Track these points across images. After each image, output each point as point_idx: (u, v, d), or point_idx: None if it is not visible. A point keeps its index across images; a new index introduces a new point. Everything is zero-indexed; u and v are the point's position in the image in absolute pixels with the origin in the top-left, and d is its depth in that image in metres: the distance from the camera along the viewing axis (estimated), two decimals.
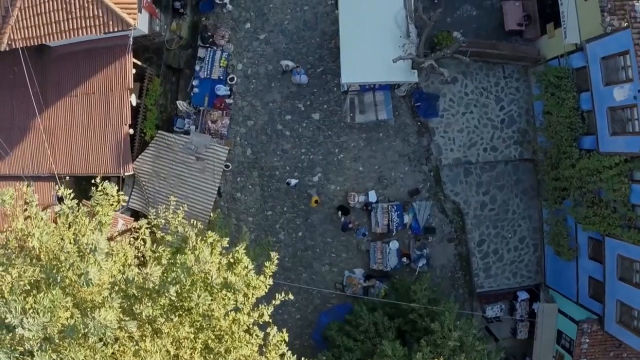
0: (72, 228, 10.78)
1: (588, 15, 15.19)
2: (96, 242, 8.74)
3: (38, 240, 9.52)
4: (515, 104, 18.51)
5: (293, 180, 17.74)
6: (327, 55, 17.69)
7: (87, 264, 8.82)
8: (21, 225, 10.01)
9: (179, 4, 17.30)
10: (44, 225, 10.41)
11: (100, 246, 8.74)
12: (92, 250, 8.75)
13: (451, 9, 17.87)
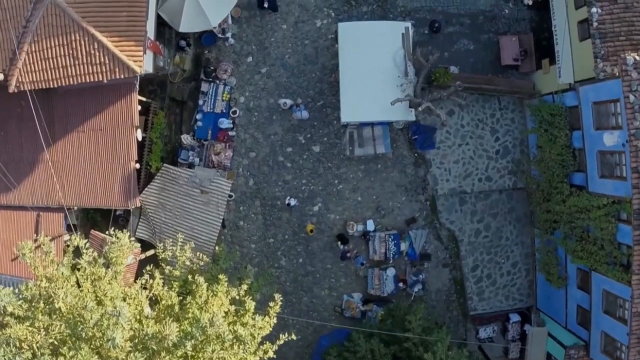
0: (93, 283, 11.42)
1: (582, 57, 15.66)
2: (120, 309, 9.38)
3: (63, 301, 10.15)
4: (510, 135, 19.07)
5: (293, 200, 18.38)
6: (327, 89, 18.17)
7: (113, 329, 9.46)
8: (44, 284, 10.62)
9: (184, 43, 17.71)
10: (67, 281, 11.00)
11: (124, 312, 9.38)
12: (117, 316, 9.39)
13: (449, 44, 18.31)
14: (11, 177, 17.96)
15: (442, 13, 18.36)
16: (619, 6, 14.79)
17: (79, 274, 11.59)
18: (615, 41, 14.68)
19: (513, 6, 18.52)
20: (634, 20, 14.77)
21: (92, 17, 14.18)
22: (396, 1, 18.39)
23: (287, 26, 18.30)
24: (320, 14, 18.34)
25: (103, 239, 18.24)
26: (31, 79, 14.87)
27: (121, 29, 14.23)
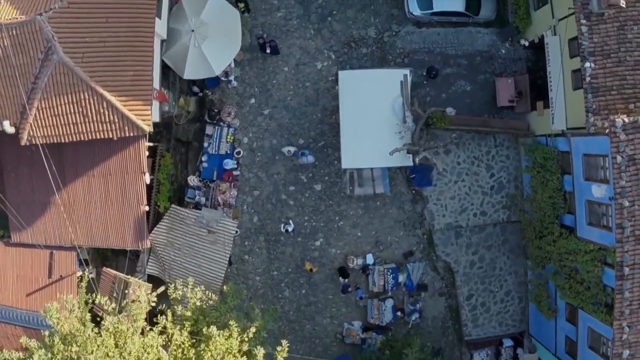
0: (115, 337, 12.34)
1: (575, 105, 16.17)
2: None
3: None
4: (505, 171, 19.70)
5: (289, 226, 19.11)
6: (328, 130, 18.74)
7: None
8: (76, 349, 11.48)
9: (197, 89, 18.23)
10: (94, 343, 11.88)
11: None
12: None
13: (446, 85, 18.79)
14: (24, 217, 18.73)
15: (440, 54, 18.82)
16: (612, 60, 15.24)
17: (103, 332, 12.46)
18: (607, 95, 15.19)
19: (510, 46, 18.94)
20: (625, 74, 15.24)
21: (100, 76, 14.68)
22: (395, 43, 18.84)
23: (288, 68, 18.80)
24: (320, 56, 18.81)
25: (115, 276, 19.15)
26: (42, 133, 15.47)
27: (129, 88, 14.75)
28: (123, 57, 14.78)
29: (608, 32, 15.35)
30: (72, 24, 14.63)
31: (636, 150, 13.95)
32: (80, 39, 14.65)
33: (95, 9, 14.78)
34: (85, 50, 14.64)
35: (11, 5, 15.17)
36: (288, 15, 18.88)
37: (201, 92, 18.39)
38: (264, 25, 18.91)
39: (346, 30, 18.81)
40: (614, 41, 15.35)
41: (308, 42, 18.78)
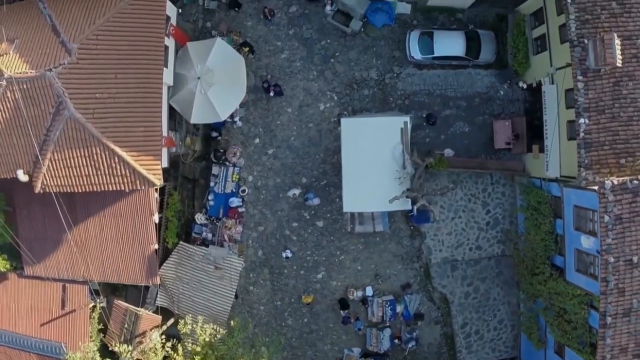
0: None
1: (569, 155, 16.73)
2: None
3: None
4: (501, 207, 20.37)
5: (289, 252, 19.84)
6: (330, 170, 19.32)
7: None
8: None
9: (216, 134, 18.83)
10: None
11: None
12: None
13: (445, 127, 19.29)
14: (36, 252, 19.49)
15: (440, 96, 19.26)
16: (606, 116, 15.73)
17: None
18: (599, 150, 15.73)
19: (508, 88, 19.36)
20: (618, 129, 15.76)
21: (111, 132, 15.20)
22: (396, 85, 19.26)
23: (292, 110, 19.27)
24: (323, 98, 19.26)
25: (126, 308, 20.06)
26: (56, 183, 16.08)
27: (139, 144, 15.29)
28: (133, 114, 15.29)
29: (604, 88, 15.82)
30: (82, 80, 15.08)
31: (623, 210, 14.62)
32: (90, 95, 15.12)
33: (104, 65, 15.21)
34: (96, 106, 15.15)
35: (20, 58, 15.55)
36: (292, 57, 19.29)
37: (220, 136, 19.00)
38: (268, 66, 19.33)
39: (348, 71, 19.24)
40: (609, 97, 15.84)
41: (311, 84, 19.22)
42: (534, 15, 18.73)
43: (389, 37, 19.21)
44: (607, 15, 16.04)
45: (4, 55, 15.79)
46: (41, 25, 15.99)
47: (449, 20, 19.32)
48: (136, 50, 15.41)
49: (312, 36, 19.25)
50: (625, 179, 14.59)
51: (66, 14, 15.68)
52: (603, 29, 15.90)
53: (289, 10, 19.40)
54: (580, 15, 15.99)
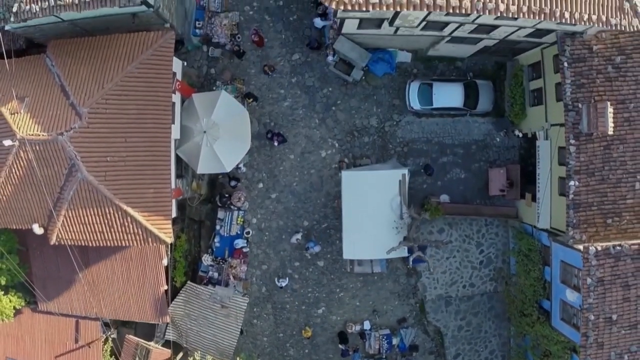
0: None
1: (559, 209, 17.49)
2: None
3: None
4: (494, 247, 21.24)
5: (283, 281, 20.77)
6: (330, 213, 20.10)
7: None
8: None
9: (234, 182, 19.58)
10: None
11: None
12: None
13: (442, 173, 19.97)
14: (49, 289, 20.41)
15: (438, 144, 19.88)
16: (596, 178, 16.42)
17: None
18: (587, 211, 16.50)
19: (504, 136, 19.94)
20: (607, 191, 16.49)
21: (122, 194, 15.87)
22: (395, 132, 19.83)
23: (294, 156, 19.90)
24: (325, 145, 19.86)
25: (137, 343, 21.14)
26: (70, 237, 16.86)
27: (150, 204, 15.99)
28: (143, 176, 15.96)
29: (595, 152, 16.48)
30: (93, 144, 15.68)
31: (605, 273, 15.50)
32: (102, 158, 15.75)
33: (114, 129, 15.77)
34: (108, 169, 15.79)
35: (32, 118, 16.07)
36: (294, 105, 19.82)
37: (239, 182, 19.76)
38: (271, 113, 19.87)
39: (349, 119, 19.80)
40: (600, 160, 16.51)
41: (313, 131, 19.80)
42: (532, 67, 19.16)
43: (389, 85, 19.71)
44: (602, 79, 16.59)
45: (15, 114, 16.34)
46: (50, 84, 16.48)
47: (448, 69, 19.76)
48: (144, 113, 15.96)
49: (314, 84, 19.74)
50: (608, 245, 15.42)
51: (74, 75, 16.15)
52: (598, 93, 16.46)
53: (292, 58, 19.84)
54: (576, 79, 16.52)
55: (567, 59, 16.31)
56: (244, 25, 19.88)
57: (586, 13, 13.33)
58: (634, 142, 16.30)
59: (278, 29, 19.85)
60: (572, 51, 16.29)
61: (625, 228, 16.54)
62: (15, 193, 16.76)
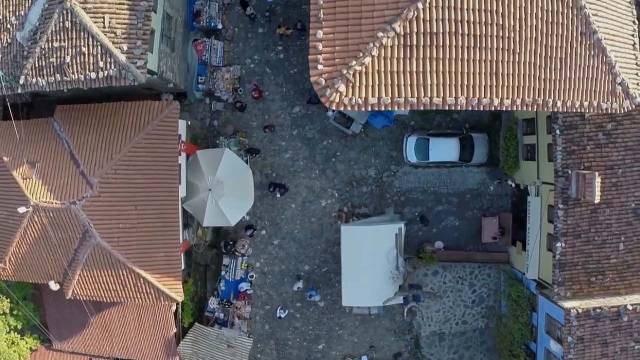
0: None
1: (547, 263, 18.40)
2: None
3: None
4: (486, 287, 22.26)
5: (282, 312, 21.91)
6: (330, 258, 21.02)
7: None
8: None
9: (251, 231, 20.37)
10: None
11: None
12: None
13: (437, 221, 20.81)
14: (63, 330, 21.45)
15: (434, 193, 20.63)
16: (582, 240, 17.28)
17: None
18: (572, 270, 17.43)
19: (498, 185, 20.66)
20: (592, 252, 17.37)
21: (135, 258, 16.73)
22: (393, 183, 20.55)
23: (295, 205, 20.68)
24: (325, 195, 20.60)
25: None
26: (85, 293, 17.81)
27: (161, 267, 16.90)
28: (154, 241, 16.82)
29: (582, 215, 17.28)
30: (105, 212, 16.43)
31: (585, 333, 16.54)
32: (114, 225, 16.53)
33: (124, 197, 16.51)
34: (120, 235, 16.59)
35: (44, 185, 16.77)
36: (295, 157, 20.46)
37: (255, 231, 20.65)
38: (273, 165, 20.53)
39: (349, 170, 20.48)
40: (587, 223, 17.33)
41: (314, 182, 20.51)
42: (527, 122, 19.75)
43: (387, 137, 20.33)
44: (593, 146, 17.25)
45: (27, 179, 17.03)
46: (60, 150, 17.10)
47: (445, 121, 20.34)
48: (153, 182, 16.69)
49: (315, 137, 20.35)
50: (589, 308, 16.39)
51: (83, 144, 16.77)
52: (588, 160, 17.16)
53: (293, 111, 20.39)
54: (567, 147, 17.19)
55: (560, 126, 16.94)
56: (246, 79, 20.39)
57: (578, 101, 13.88)
58: (620, 206, 17.13)
59: (279, 82, 20.38)
60: (564, 119, 16.89)
61: (608, 286, 17.55)
62: (31, 252, 17.62)
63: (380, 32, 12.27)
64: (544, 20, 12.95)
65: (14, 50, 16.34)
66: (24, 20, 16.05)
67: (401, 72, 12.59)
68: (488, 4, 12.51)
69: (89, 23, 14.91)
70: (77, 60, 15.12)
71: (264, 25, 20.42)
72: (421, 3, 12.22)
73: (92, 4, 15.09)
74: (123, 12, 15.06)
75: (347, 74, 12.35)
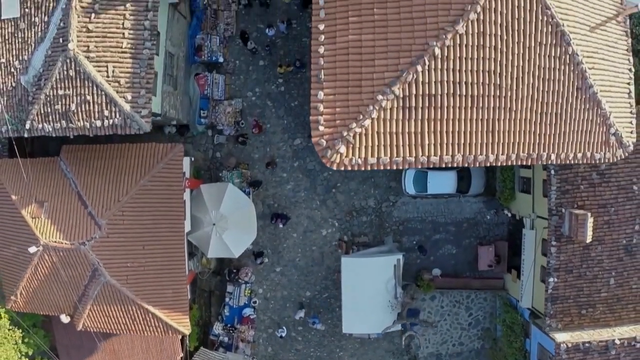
0: None
1: (540, 293, 19.00)
2: None
3: None
4: (482, 310, 22.95)
5: (282, 332, 22.59)
6: (331, 285, 21.65)
7: None
8: None
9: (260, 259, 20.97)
10: None
11: None
12: None
13: (435, 249, 21.39)
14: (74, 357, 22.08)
15: (432, 222, 21.15)
16: (574, 275, 17.88)
17: None
18: (564, 303, 18.07)
19: (494, 214, 21.15)
20: (583, 286, 17.98)
21: (144, 294, 17.33)
22: (392, 212, 21.05)
23: (297, 235, 21.21)
24: (325, 224, 21.11)
25: None
26: (95, 326, 18.44)
27: (169, 303, 17.51)
28: (162, 279, 17.41)
29: (574, 252, 17.85)
30: (114, 252, 16.95)
31: None
32: (122, 264, 17.06)
33: (132, 237, 17.01)
34: (129, 273, 17.15)
35: (53, 225, 17.22)
36: (296, 188, 20.92)
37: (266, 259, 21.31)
38: (274, 196, 20.99)
39: (349, 200, 20.96)
40: (578, 259, 17.91)
41: (314, 212, 21.00)
42: None
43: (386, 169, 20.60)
44: (586, 185, 17.73)
45: (36, 218, 17.50)
46: (67, 191, 17.53)
47: None
48: (159, 222, 17.19)
49: (315, 168, 20.77)
50: (578, 342, 17.05)
51: (90, 185, 17.22)
52: (581, 199, 17.65)
53: (294, 143, 20.78)
54: (561, 186, 17.66)
55: (554, 165, 17.38)
56: (247, 111, 20.74)
57: (572, 152, 14.28)
58: (612, 242, 17.68)
59: (280, 114, 20.73)
60: None
61: (598, 318, 18.22)
62: (42, 286, 18.20)
63: (379, 95, 12.64)
64: (541, 77, 13.28)
65: (18, 94, 16.62)
66: (27, 65, 16.29)
67: (399, 133, 13.00)
68: (486, 65, 12.86)
69: (93, 72, 15.18)
70: (82, 108, 15.43)
71: (265, 58, 20.70)
72: (420, 66, 12.60)
73: (94, 52, 15.29)
74: (126, 61, 15.29)
75: (347, 135, 12.78)
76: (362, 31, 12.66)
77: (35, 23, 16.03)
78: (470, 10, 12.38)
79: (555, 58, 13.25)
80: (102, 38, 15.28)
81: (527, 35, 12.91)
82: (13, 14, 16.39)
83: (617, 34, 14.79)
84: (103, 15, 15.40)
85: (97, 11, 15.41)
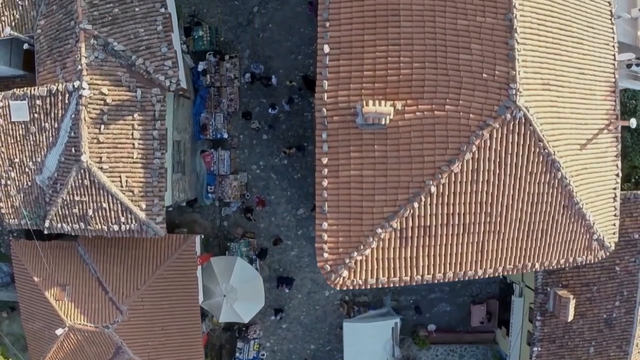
0: None
1: (526, 355, 20.59)
2: None
3: None
4: (475, 357, 24.62)
5: None
6: (333, 339, 23.28)
7: None
8: None
9: (280, 315, 22.42)
10: None
11: None
12: None
13: (430, 307, 22.86)
14: None
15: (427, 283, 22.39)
16: (556, 345, 19.41)
17: None
18: None
19: None
20: (565, 354, 19.52)
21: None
22: None
23: (301, 295, 22.66)
24: (328, 286, 22.28)
25: None
26: None
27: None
28: (180, 354, 18.95)
29: (557, 325, 19.28)
30: (135, 333, 18.41)
31: None
32: (143, 343, 18.55)
33: (151, 320, 18.48)
34: (150, 351, 18.69)
35: (76, 309, 18.57)
36: (300, 254, 22.16)
37: (284, 313, 22.77)
38: (280, 261, 22.27)
39: None
40: (561, 331, 19.38)
41: (318, 275, 22.28)
42: None
43: None
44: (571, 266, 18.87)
45: (60, 301, 18.83)
46: (87, 276, 18.82)
47: None
48: (176, 305, 18.61)
49: None
50: None
51: (109, 273, 18.50)
52: (565, 279, 18.92)
53: (297, 212, 21.87)
54: None
55: None
56: (252, 184, 21.68)
57: (555, 260, 15.44)
58: (593, 316, 19.11)
59: (284, 186, 21.69)
60: None
61: None
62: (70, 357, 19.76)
63: (379, 228, 13.72)
64: (529, 202, 14.26)
65: (34, 192, 17.43)
66: (41, 166, 17.05)
67: (397, 258, 14.17)
68: (478, 197, 13.83)
69: (107, 183, 16.04)
70: (99, 214, 16.42)
71: (267, 132, 21.49)
72: (417, 202, 13.59)
73: (107, 162, 16.07)
74: (138, 171, 16.12)
75: (349, 262, 13.93)
76: (363, 167, 13.58)
77: (46, 128, 16.65)
78: (466, 150, 13.28)
79: (544, 184, 14.18)
80: (113, 149, 16.07)
81: (519, 167, 13.81)
82: (23, 118, 16.93)
83: (607, 142, 15.46)
84: (112, 125, 16.08)
85: (106, 122, 16.09)
